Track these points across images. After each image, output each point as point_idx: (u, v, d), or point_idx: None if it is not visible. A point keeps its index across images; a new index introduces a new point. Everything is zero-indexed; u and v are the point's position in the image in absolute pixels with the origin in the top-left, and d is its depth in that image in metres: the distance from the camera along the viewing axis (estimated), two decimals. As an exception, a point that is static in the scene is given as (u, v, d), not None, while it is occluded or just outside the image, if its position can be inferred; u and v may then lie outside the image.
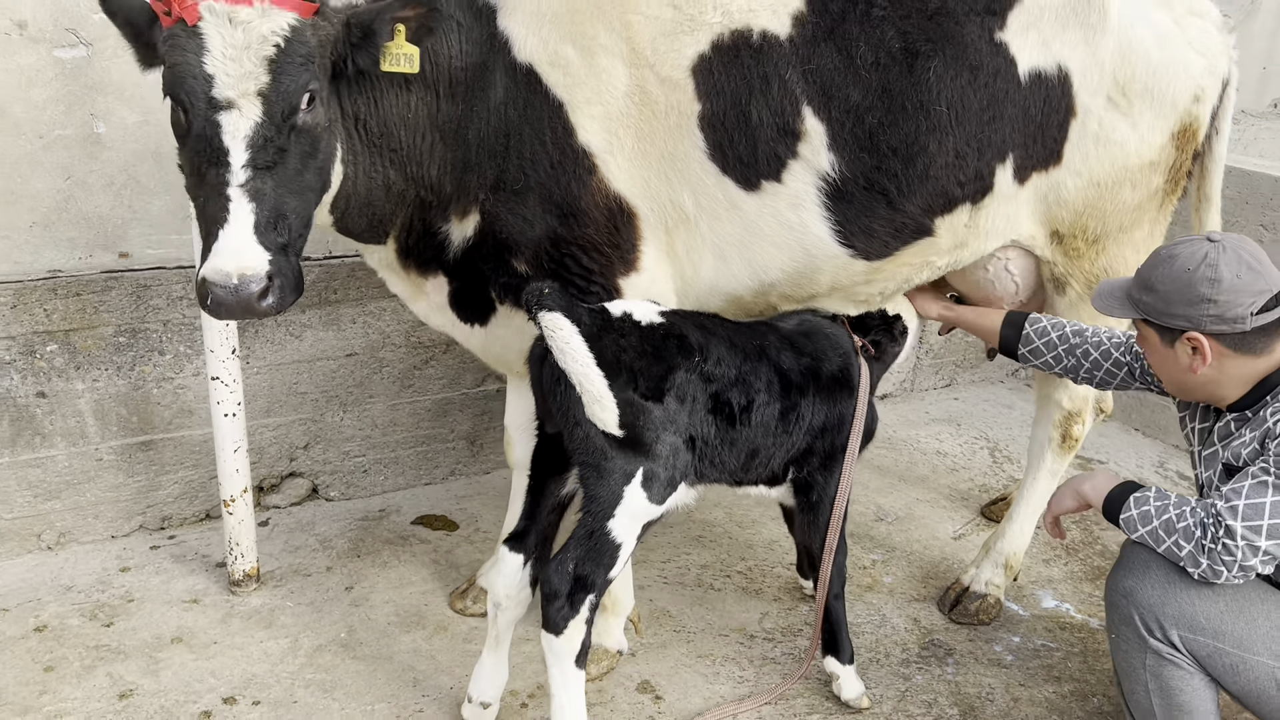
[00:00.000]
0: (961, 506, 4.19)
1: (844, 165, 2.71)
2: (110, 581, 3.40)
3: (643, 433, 2.46)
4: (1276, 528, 2.24)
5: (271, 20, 2.23)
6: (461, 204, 2.66)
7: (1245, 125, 5.53)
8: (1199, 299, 2.32)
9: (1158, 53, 2.88)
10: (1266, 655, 2.37)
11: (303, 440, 3.80)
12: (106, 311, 3.34)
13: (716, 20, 2.64)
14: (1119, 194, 2.97)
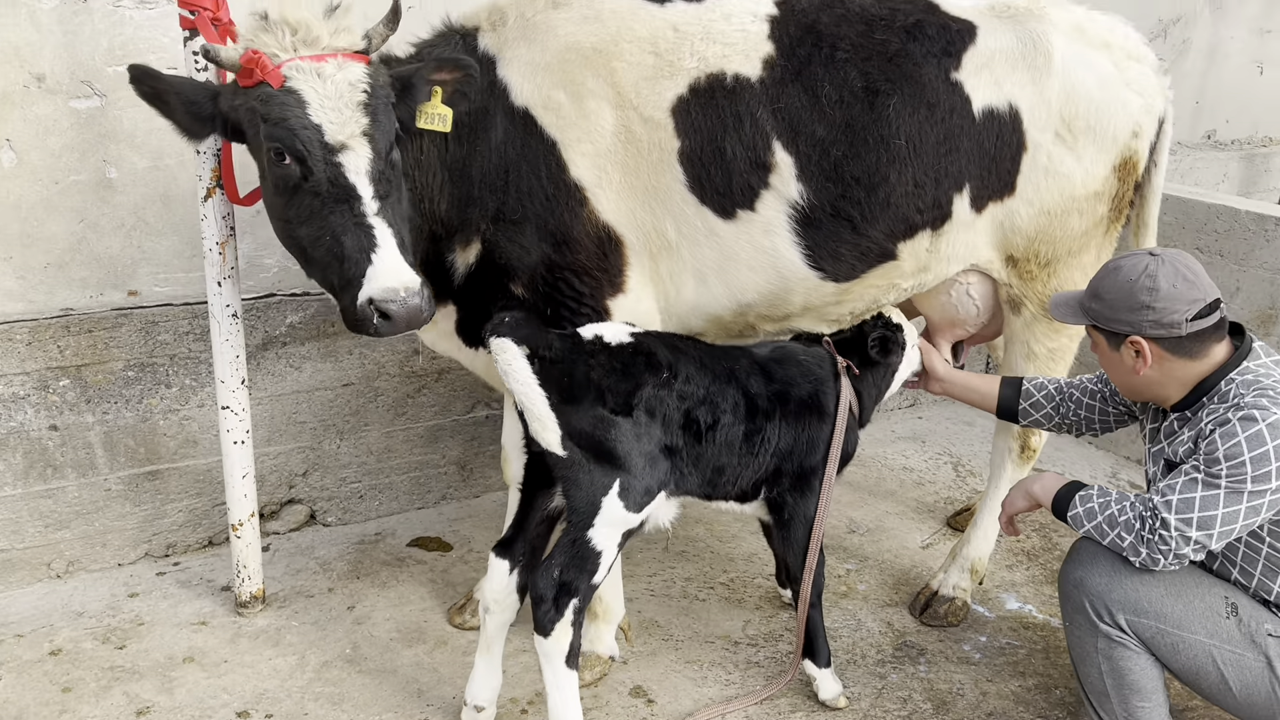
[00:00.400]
0: (928, 518, 4.42)
1: (811, 194, 2.96)
2: (120, 607, 3.53)
3: (614, 446, 2.65)
4: (1205, 519, 2.49)
5: (350, 71, 2.51)
6: (465, 235, 2.88)
7: (1181, 156, 5.88)
8: (1139, 306, 2.58)
9: (1099, 92, 3.15)
10: (1203, 634, 2.62)
11: (301, 468, 3.97)
12: (116, 347, 3.50)
13: (693, 65, 2.89)
14: (1068, 221, 3.24)
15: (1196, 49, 5.95)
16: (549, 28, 2.89)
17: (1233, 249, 4.52)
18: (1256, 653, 2.60)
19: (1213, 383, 2.63)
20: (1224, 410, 2.55)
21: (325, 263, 2.54)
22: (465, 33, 2.94)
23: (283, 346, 3.76)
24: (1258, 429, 2.44)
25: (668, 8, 2.96)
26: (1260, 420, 2.45)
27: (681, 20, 2.94)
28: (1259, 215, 4.44)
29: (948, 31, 3.09)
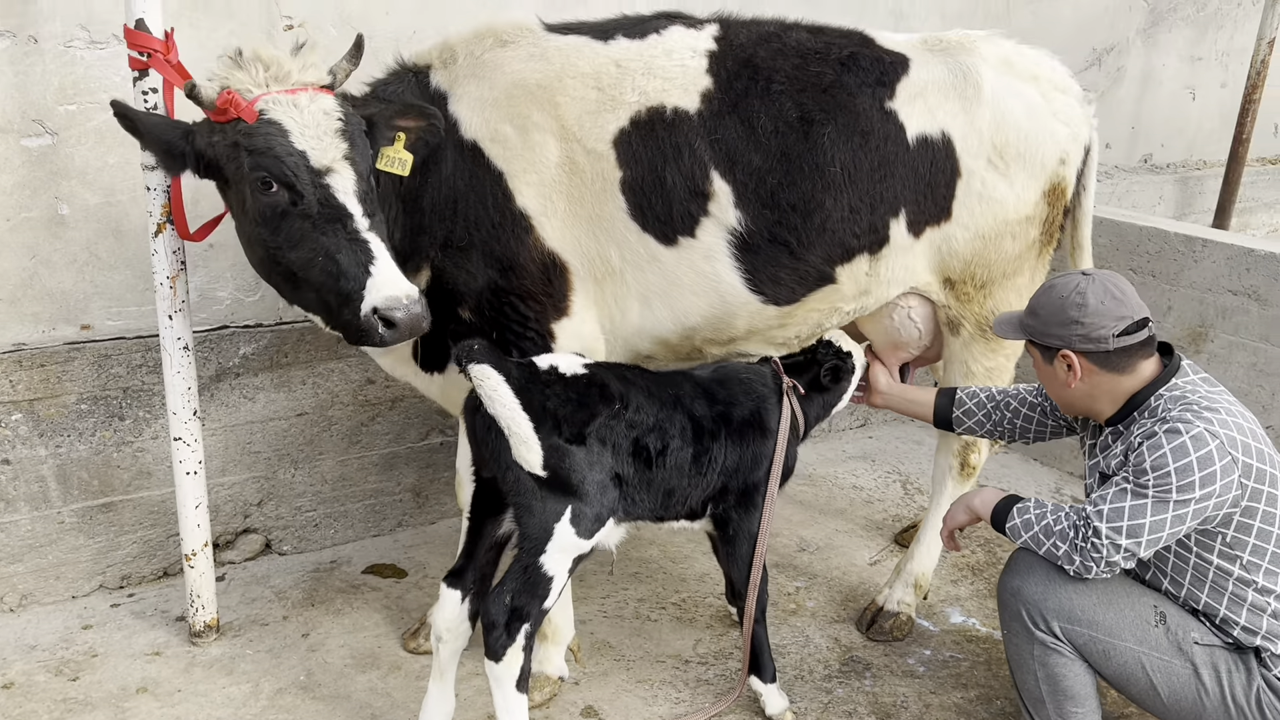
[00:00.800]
0: (877, 535, 4.52)
1: (749, 221, 3.07)
2: (73, 639, 3.54)
3: (569, 474, 2.72)
4: (1134, 528, 2.60)
5: (322, 102, 2.64)
6: (416, 262, 2.98)
7: (1119, 179, 6.07)
8: (1069, 320, 2.72)
9: (1028, 121, 3.30)
10: (1132, 641, 2.74)
11: (256, 497, 4.00)
12: (69, 381, 3.53)
13: (634, 99, 3.00)
14: (1001, 245, 3.38)
15: (1130, 76, 6.16)
16: (496, 65, 2.99)
17: (1164, 269, 4.69)
18: (1183, 660, 2.72)
19: (1142, 398, 2.76)
20: (1151, 424, 2.67)
21: (320, 283, 2.63)
22: (418, 70, 3.04)
23: (236, 377, 3.80)
24: (1181, 441, 2.56)
25: (611, 45, 3.07)
26: (1184, 433, 2.57)
27: (624, 56, 3.05)
28: (1188, 237, 4.61)
29: (881, 63, 3.22)
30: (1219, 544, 2.67)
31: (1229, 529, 2.64)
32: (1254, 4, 6.35)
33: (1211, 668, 2.71)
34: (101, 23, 3.28)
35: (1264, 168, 6.91)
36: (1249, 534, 2.64)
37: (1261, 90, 5.86)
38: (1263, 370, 4.34)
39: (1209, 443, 2.56)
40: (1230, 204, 6.05)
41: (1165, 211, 6.25)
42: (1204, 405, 2.65)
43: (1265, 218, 6.91)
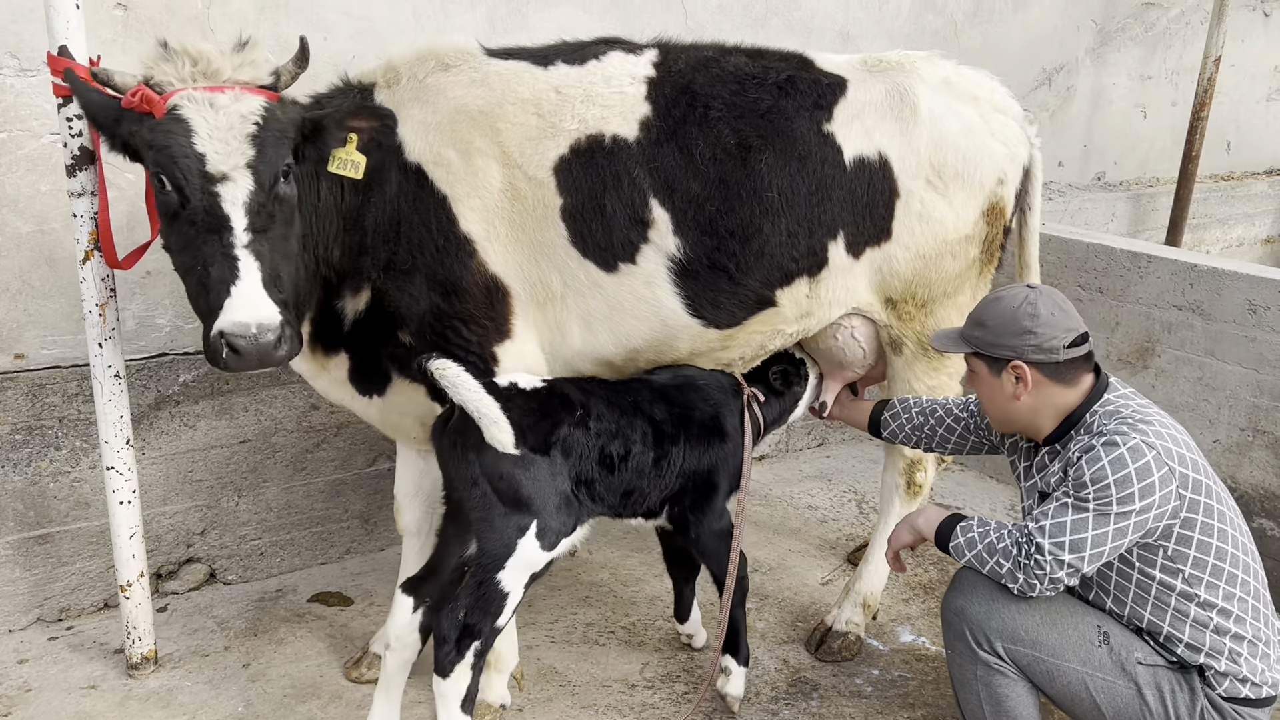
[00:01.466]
0: (830, 555, 4.51)
1: (688, 247, 3.07)
2: (7, 674, 3.48)
3: (529, 487, 2.74)
4: (1077, 542, 2.60)
5: (245, 104, 2.56)
6: (355, 282, 2.96)
7: (1071, 197, 6.12)
8: (1022, 330, 2.72)
9: (965, 141, 3.32)
10: (1076, 661, 2.73)
11: (199, 526, 3.95)
12: (2, 411, 3.48)
13: (574, 127, 3.00)
14: (942, 264, 3.39)
15: (1081, 95, 6.23)
16: (439, 89, 2.99)
17: (1111, 285, 4.72)
18: (1127, 680, 2.71)
19: (1079, 415, 2.77)
20: (1088, 439, 2.68)
21: (194, 292, 2.58)
22: (362, 88, 3.02)
23: (176, 405, 3.77)
24: (1119, 453, 2.57)
25: (550, 71, 3.06)
26: (1121, 445, 2.58)
27: (563, 83, 3.04)
28: (1133, 253, 4.64)
29: (819, 85, 3.24)
30: (1160, 558, 2.67)
31: (1170, 542, 2.65)
32: (1201, 23, 6.45)
33: (1155, 688, 2.70)
34: (31, 50, 3.26)
35: (1216, 184, 6.99)
36: (1189, 545, 2.65)
37: (1209, 108, 5.94)
38: (1208, 384, 4.37)
39: (1146, 454, 2.57)
40: (1182, 221, 6.11)
41: (1118, 229, 6.30)
42: (1138, 418, 2.66)
43: (1219, 233, 6.98)
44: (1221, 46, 5.84)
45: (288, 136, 2.63)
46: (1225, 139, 7.25)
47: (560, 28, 4.17)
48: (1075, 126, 6.28)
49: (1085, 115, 6.31)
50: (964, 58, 5.52)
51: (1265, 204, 7.29)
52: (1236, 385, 4.27)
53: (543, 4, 4.22)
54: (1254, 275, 4.19)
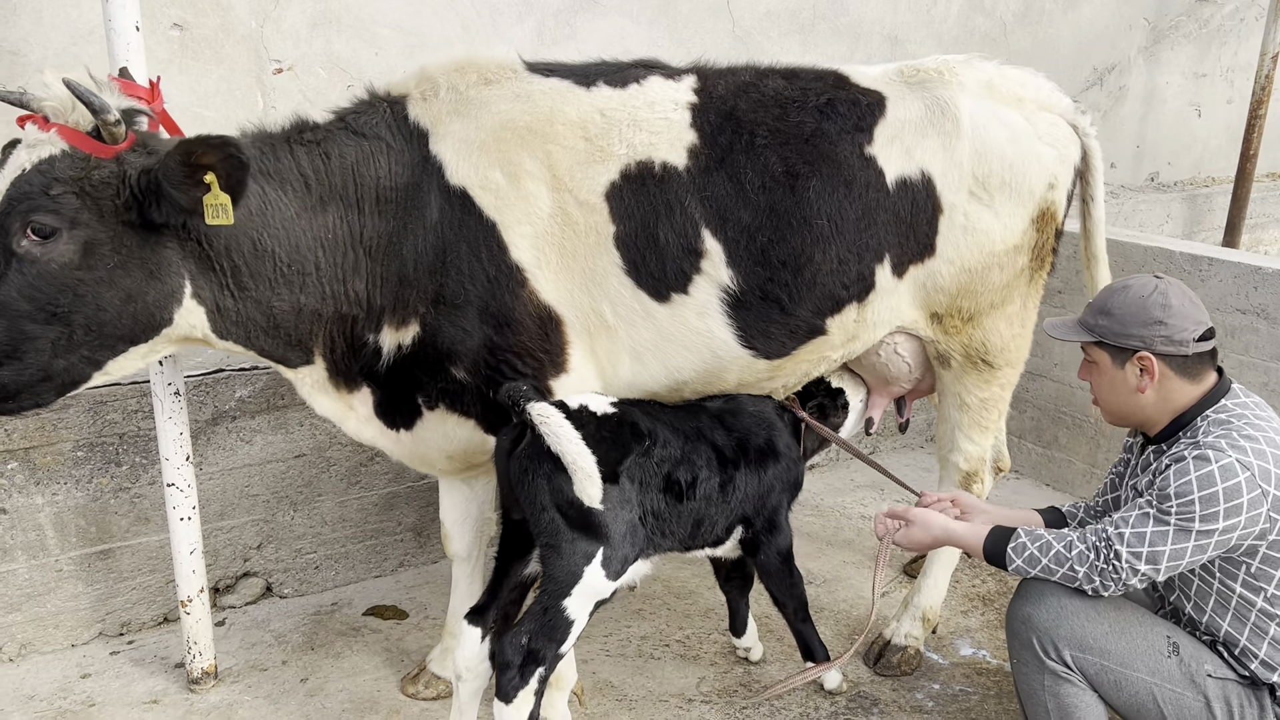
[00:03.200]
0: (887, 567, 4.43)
1: (741, 279, 3.01)
2: (71, 689, 3.52)
3: (601, 515, 2.71)
4: (1154, 554, 2.54)
5: (35, 151, 2.38)
6: (398, 316, 2.84)
7: (1124, 199, 6.01)
8: (1152, 320, 2.64)
9: (1011, 149, 3.23)
10: (1144, 671, 2.66)
11: (255, 541, 3.98)
12: (65, 429, 3.53)
13: (623, 152, 2.92)
14: (988, 276, 3.30)
15: (1134, 95, 6.12)
16: (482, 103, 2.88)
17: (1170, 289, 4.61)
18: (1195, 692, 2.64)
19: (1189, 417, 2.69)
20: (1184, 448, 2.61)
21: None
22: (393, 101, 2.89)
23: (233, 421, 3.80)
24: (1209, 470, 2.49)
25: (594, 92, 2.98)
26: (1214, 461, 2.50)
27: (608, 105, 2.96)
28: (1194, 256, 4.54)
29: (858, 106, 3.15)
30: (1243, 573, 2.60)
31: (1254, 560, 2.58)
32: (1257, 19, 6.31)
33: (1224, 701, 2.63)
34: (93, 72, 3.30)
35: (1275, 183, 6.83)
36: (1275, 566, 2.57)
37: (1267, 105, 5.81)
38: (1274, 390, 4.26)
39: (1239, 474, 2.48)
40: (1240, 221, 5.98)
41: (1174, 230, 6.18)
42: (1244, 433, 2.57)
43: (1277, 234, 6.82)
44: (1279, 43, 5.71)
45: (63, 194, 2.37)
46: (1283, 136, 7.09)
47: (608, 39, 4.17)
48: (1128, 127, 6.17)
49: (1138, 115, 6.19)
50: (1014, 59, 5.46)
51: (1324, 202, 7.12)
52: (1305, 391, 4.16)
53: (590, 15, 4.22)
54: (1322, 278, 4.08)
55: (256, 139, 2.73)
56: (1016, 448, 5.45)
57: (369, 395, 2.99)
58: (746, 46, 4.60)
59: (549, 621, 2.71)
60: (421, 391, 2.94)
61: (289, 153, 2.72)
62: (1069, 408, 5.16)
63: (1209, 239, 6.25)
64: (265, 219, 2.64)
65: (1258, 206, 6.36)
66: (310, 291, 2.74)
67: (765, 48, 4.64)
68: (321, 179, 2.72)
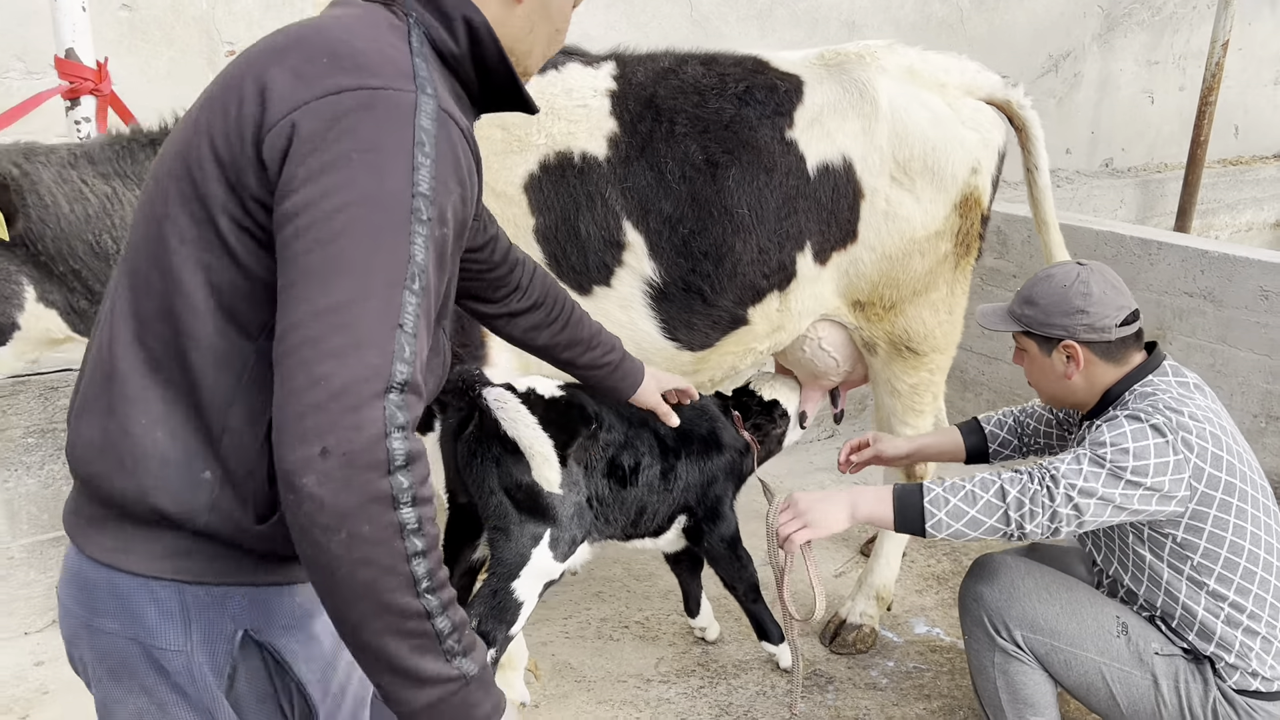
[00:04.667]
0: (843, 546, 4.51)
1: (664, 270, 2.99)
2: (25, 676, 3.49)
3: (549, 497, 2.71)
4: (1087, 489, 2.53)
5: None
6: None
7: (1079, 184, 6.10)
8: (1075, 310, 2.68)
9: (933, 133, 3.16)
10: (1094, 651, 2.72)
11: (212, 527, 3.96)
12: (15, 415, 3.49)
13: (542, 142, 2.88)
14: (910, 263, 3.26)
15: (1088, 81, 6.20)
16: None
17: (1121, 273, 4.61)
18: (1144, 671, 2.71)
19: (1117, 392, 2.75)
20: (1115, 412, 2.67)
21: None
22: None
23: (188, 406, 3.77)
24: (1140, 427, 2.55)
25: None
26: (1144, 420, 2.56)
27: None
28: (1143, 240, 4.63)
29: (776, 92, 3.09)
30: (1170, 544, 2.66)
31: (1178, 530, 2.63)
32: (1208, 7, 6.42)
33: (1171, 678, 2.70)
34: (37, 53, 3.27)
35: (1225, 169, 6.96)
36: (1199, 536, 2.63)
37: (1217, 93, 5.91)
38: (1220, 371, 4.36)
39: (1165, 435, 2.55)
40: (1191, 206, 6.09)
41: (1127, 215, 6.28)
42: (1169, 405, 2.63)
43: (1227, 218, 6.96)
44: (1229, 30, 5.81)
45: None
46: (1233, 123, 7.22)
47: (566, 22, 4.16)
48: (1083, 113, 6.26)
49: (1092, 102, 6.28)
50: (971, 45, 5.54)
51: (1273, 188, 7.26)
52: (1249, 371, 4.26)
53: (547, -2, 4.21)
54: (1265, 261, 4.17)
55: (112, 140, 2.61)
56: (973, 430, 5.53)
57: None
58: (705, 32, 4.61)
59: (499, 604, 2.72)
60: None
61: (150, 155, 2.59)
62: (1024, 390, 5.24)
63: (1161, 224, 6.36)
64: (109, 220, 2.53)
65: (1208, 192, 6.49)
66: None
67: (724, 33, 4.66)
68: None
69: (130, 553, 1.47)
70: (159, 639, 1.48)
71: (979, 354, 5.44)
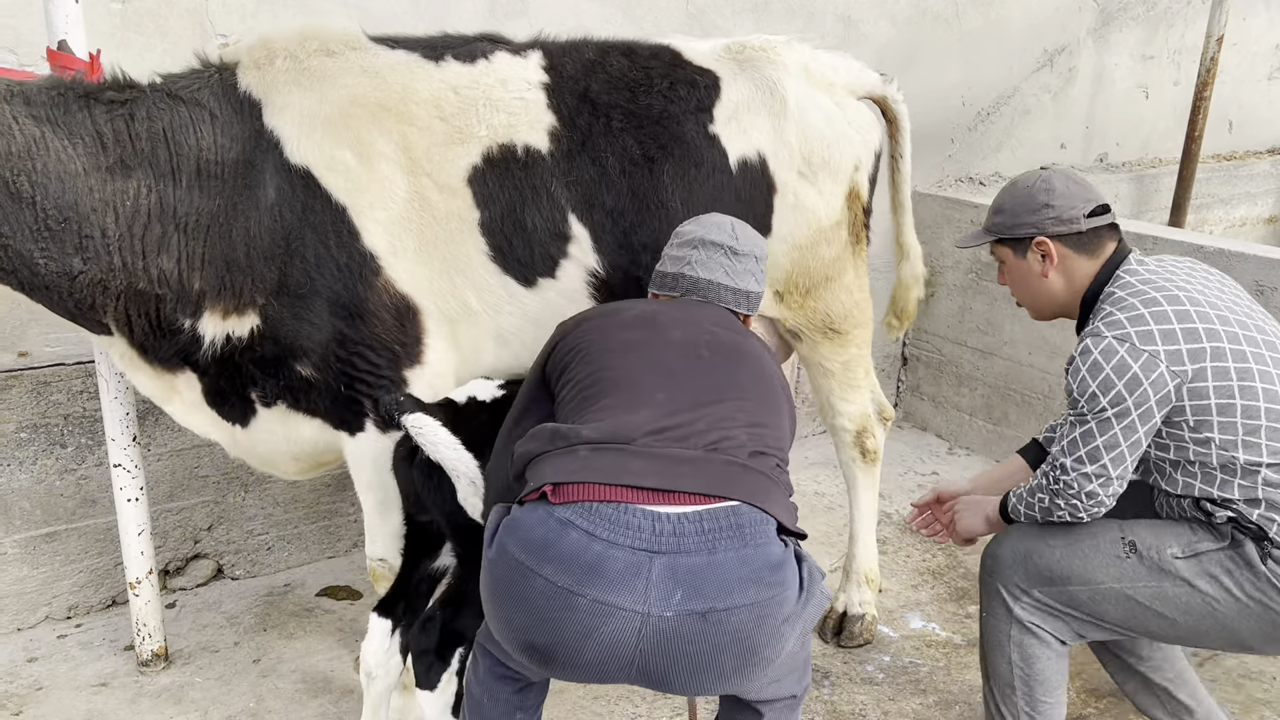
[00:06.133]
0: (838, 540, 4.51)
1: (607, 263, 3.00)
2: (18, 672, 3.47)
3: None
4: (1092, 453, 2.56)
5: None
6: (227, 303, 2.66)
7: (1074, 179, 6.09)
8: (1039, 205, 2.73)
9: (828, 130, 3.29)
10: (1111, 580, 2.68)
11: (206, 522, 3.94)
12: (7, 409, 3.47)
13: (484, 134, 2.83)
14: (818, 251, 3.37)
15: (1083, 76, 6.19)
16: (327, 76, 2.71)
17: (1116, 268, 4.69)
18: (1172, 580, 2.62)
19: (1092, 297, 2.74)
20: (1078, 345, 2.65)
21: None
22: (223, 67, 2.69)
23: (181, 401, 3.75)
24: (1092, 358, 2.55)
25: (443, 68, 2.85)
26: (1094, 349, 2.55)
27: (460, 83, 2.85)
28: (1139, 235, 4.62)
29: (697, 87, 3.14)
30: (1186, 430, 2.59)
31: (1186, 415, 2.57)
32: (1203, 2, 6.40)
33: (1206, 576, 2.60)
34: (29, 45, 3.24)
35: (1219, 164, 6.96)
36: (1206, 413, 2.55)
37: (1212, 87, 5.90)
38: (1215, 366, 4.36)
39: (1118, 349, 2.52)
40: (1185, 201, 6.08)
41: (1121, 209, 6.28)
42: (1126, 304, 2.60)
43: (1221, 213, 6.96)
44: (1224, 25, 5.80)
45: None
46: (1227, 118, 7.22)
47: (561, 15, 4.15)
48: (1077, 108, 6.25)
49: (1087, 96, 6.27)
50: (966, 40, 5.53)
51: (1267, 183, 7.26)
52: (1244, 366, 4.26)
53: (543, -9, 4.19)
54: (1262, 256, 4.17)
55: (52, 85, 2.51)
56: (968, 425, 5.53)
57: (194, 380, 2.80)
58: (700, 24, 4.59)
59: (468, 599, 2.67)
60: (257, 387, 2.78)
61: (85, 107, 2.50)
62: (1019, 385, 5.25)
63: (1156, 219, 6.36)
64: (30, 164, 2.42)
65: (1202, 187, 6.48)
66: (92, 259, 2.51)
67: (719, 25, 4.64)
68: (123, 141, 2.51)
69: None
70: None
71: (973, 349, 5.44)
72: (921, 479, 5.20)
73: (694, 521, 2.05)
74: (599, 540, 2.00)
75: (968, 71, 5.63)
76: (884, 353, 5.79)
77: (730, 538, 2.05)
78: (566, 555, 2.00)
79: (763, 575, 2.04)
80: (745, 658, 2.04)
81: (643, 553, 2.00)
